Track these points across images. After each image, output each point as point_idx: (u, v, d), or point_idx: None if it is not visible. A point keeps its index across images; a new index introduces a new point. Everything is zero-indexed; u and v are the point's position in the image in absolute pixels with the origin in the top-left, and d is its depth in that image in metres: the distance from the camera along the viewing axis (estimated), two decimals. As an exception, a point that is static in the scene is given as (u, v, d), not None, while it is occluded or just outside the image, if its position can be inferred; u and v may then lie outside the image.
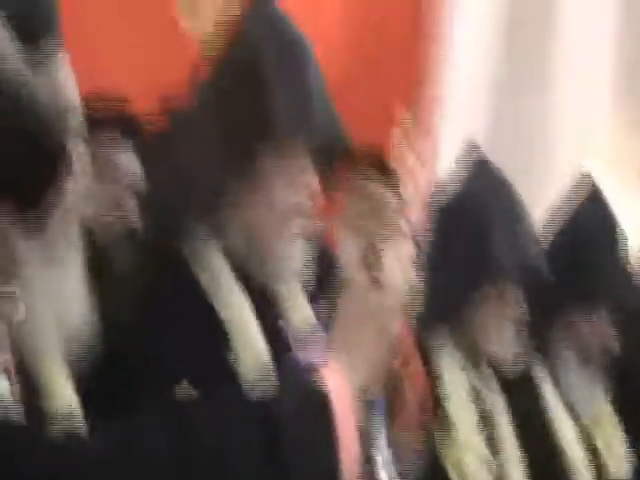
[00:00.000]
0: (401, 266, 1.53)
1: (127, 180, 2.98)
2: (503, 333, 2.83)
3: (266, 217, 2.00)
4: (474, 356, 2.85)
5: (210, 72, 2.11)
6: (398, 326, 1.60)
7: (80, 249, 1.66)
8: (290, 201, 2.00)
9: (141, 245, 2.25)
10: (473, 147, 3.02)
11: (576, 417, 3.13)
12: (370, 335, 1.55)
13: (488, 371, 2.88)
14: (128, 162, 3.01)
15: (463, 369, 2.82)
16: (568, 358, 3.16)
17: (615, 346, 3.14)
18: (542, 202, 3.42)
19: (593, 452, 3.14)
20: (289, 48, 2.06)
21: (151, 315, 1.94)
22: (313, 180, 2.03)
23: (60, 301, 1.63)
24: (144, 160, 2.91)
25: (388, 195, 2.42)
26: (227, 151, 1.99)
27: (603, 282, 3.15)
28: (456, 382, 2.79)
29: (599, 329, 3.14)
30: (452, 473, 2.68)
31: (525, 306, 2.86)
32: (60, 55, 1.58)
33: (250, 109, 2.01)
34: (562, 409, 3.10)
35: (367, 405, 1.60)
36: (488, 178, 2.93)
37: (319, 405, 1.50)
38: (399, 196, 2.36)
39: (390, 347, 1.59)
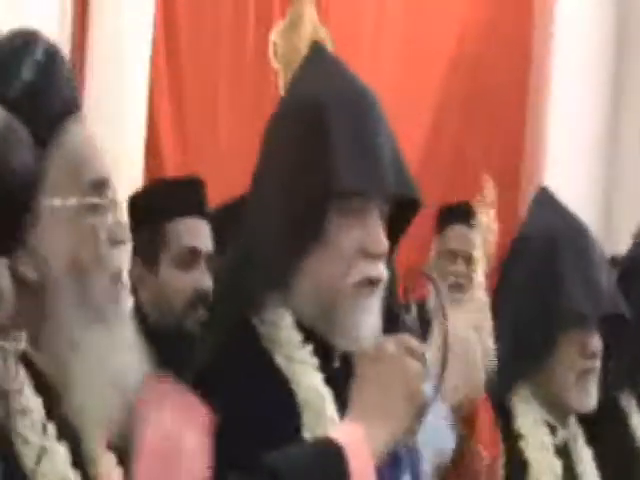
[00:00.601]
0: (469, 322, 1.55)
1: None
2: (585, 384, 2.59)
3: (333, 268, 1.85)
4: (558, 411, 2.61)
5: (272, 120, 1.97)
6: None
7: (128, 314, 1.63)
8: (355, 247, 1.85)
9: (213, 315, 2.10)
10: (546, 192, 2.82)
11: None
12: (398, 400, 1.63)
13: (574, 424, 2.65)
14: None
15: (547, 425, 2.59)
16: None
17: None
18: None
19: None
20: (354, 99, 1.91)
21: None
22: (380, 233, 1.87)
23: (114, 365, 1.57)
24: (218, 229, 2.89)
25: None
26: (293, 210, 1.85)
27: None
28: (540, 441, 2.56)
29: None
30: None
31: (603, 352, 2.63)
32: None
33: (314, 161, 1.86)
34: None
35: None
36: (562, 220, 2.71)
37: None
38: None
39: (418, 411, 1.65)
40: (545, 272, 2.60)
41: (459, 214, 4.57)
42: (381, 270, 1.85)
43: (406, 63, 7.21)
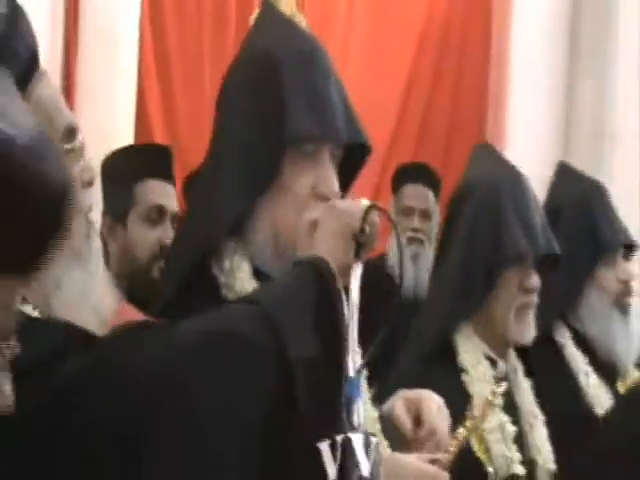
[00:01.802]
0: None
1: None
2: (524, 318, 2.54)
3: (288, 211, 1.81)
4: (498, 345, 2.55)
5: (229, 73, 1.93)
6: None
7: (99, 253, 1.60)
8: (308, 189, 1.82)
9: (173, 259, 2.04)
10: (487, 146, 2.82)
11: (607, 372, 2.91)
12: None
13: (514, 357, 2.59)
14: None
15: (488, 359, 2.53)
16: (597, 310, 2.94)
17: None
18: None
19: None
20: (305, 53, 1.88)
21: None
22: (333, 176, 1.83)
23: (93, 298, 1.57)
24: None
25: None
26: (249, 156, 1.82)
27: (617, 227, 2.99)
28: (481, 373, 2.50)
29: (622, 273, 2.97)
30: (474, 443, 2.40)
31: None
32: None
33: (269, 109, 1.83)
34: (588, 367, 2.89)
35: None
36: (501, 169, 2.66)
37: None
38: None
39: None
40: (486, 215, 2.56)
41: (414, 173, 4.55)
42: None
43: (375, 45, 7.19)
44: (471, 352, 2.51)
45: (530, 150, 6.43)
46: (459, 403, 2.42)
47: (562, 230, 2.93)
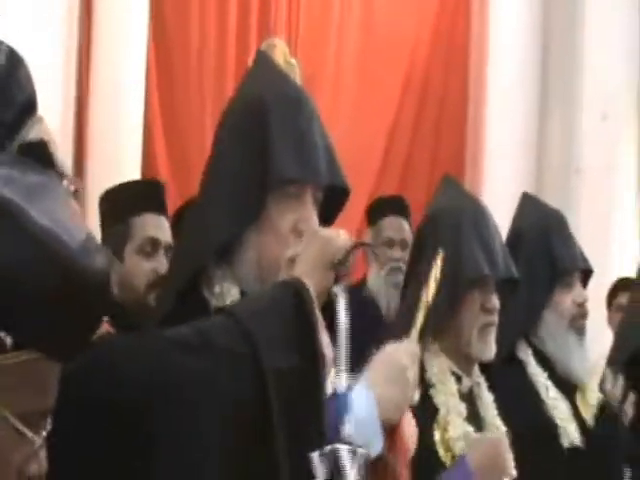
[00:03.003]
0: None
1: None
2: (486, 337, 2.57)
3: (271, 244, 1.83)
4: (463, 362, 2.58)
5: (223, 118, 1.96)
6: None
7: None
8: (289, 227, 1.84)
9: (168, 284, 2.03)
10: (450, 180, 2.84)
11: (565, 387, 2.92)
12: None
13: (477, 373, 2.61)
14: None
15: (453, 375, 2.56)
16: (555, 330, 2.95)
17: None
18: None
19: (580, 422, 2.91)
20: (292, 100, 1.90)
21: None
22: (313, 215, 1.86)
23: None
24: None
25: None
26: (237, 193, 1.85)
27: (574, 252, 3.02)
28: (447, 388, 2.53)
29: (578, 296, 2.99)
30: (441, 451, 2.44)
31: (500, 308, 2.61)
32: None
33: (256, 151, 1.85)
34: (548, 382, 2.90)
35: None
36: (463, 199, 2.71)
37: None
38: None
39: None
40: (450, 241, 2.58)
41: (390, 206, 4.54)
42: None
43: (363, 87, 7.24)
44: (438, 368, 2.54)
45: (505, 184, 6.47)
46: (428, 415, 2.47)
47: (523, 255, 2.96)
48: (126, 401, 1.45)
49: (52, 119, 6.02)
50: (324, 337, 1.56)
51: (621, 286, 5.21)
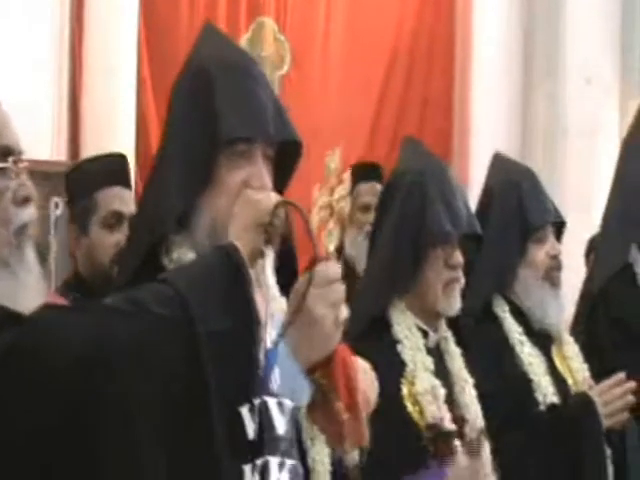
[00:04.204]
0: None
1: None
2: (450, 292, 2.49)
3: (225, 205, 1.77)
4: (429, 317, 2.50)
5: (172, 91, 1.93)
6: None
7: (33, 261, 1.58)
8: (240, 184, 1.79)
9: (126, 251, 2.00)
10: (412, 141, 2.76)
11: (541, 341, 2.84)
12: None
13: (444, 328, 2.53)
14: None
15: (420, 331, 2.48)
16: (530, 284, 2.86)
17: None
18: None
19: (557, 376, 2.83)
20: (236, 64, 1.88)
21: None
22: (264, 172, 1.81)
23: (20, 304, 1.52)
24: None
25: None
26: (188, 156, 1.81)
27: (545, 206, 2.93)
28: (414, 344, 2.45)
29: (551, 249, 2.90)
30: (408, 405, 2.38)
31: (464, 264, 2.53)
32: None
33: (204, 114, 1.82)
34: (523, 337, 2.81)
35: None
36: (427, 160, 2.64)
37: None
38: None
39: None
40: (414, 200, 2.52)
41: (367, 172, 4.49)
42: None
43: (351, 60, 7.17)
44: (404, 325, 2.47)
45: (493, 149, 6.38)
46: (395, 371, 2.40)
47: (495, 212, 2.89)
48: (57, 376, 1.40)
49: (45, 109, 5.97)
50: (257, 298, 1.53)
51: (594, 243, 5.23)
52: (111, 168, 2.86)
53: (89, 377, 1.41)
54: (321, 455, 1.74)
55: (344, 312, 1.61)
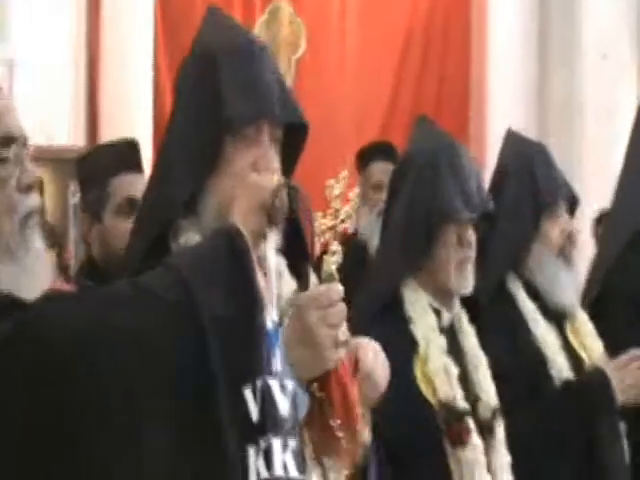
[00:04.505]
0: None
1: None
2: (463, 271, 2.45)
3: (231, 186, 1.75)
4: (442, 296, 2.46)
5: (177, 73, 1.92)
6: None
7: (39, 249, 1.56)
8: (248, 166, 1.77)
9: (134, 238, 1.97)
10: (425, 120, 2.71)
11: (555, 317, 2.80)
12: None
13: (458, 307, 2.49)
14: None
15: (433, 310, 2.44)
16: (544, 260, 2.82)
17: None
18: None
19: (571, 352, 2.79)
20: (241, 47, 1.85)
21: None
22: (271, 154, 1.79)
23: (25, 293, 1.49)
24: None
25: None
26: (195, 139, 1.80)
27: (557, 182, 2.88)
28: (427, 323, 2.42)
29: (564, 226, 2.85)
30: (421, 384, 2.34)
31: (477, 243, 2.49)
32: None
33: (210, 98, 1.80)
34: (537, 314, 2.76)
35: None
36: (439, 140, 2.59)
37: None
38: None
39: None
40: (426, 179, 2.48)
41: (380, 152, 4.46)
42: (275, 181, 1.73)
43: (367, 41, 7.12)
44: (417, 304, 2.43)
45: (508, 125, 6.32)
46: (408, 350, 2.37)
47: (508, 189, 2.85)
48: (55, 367, 1.39)
49: (63, 97, 5.96)
50: (261, 282, 1.51)
51: (603, 217, 5.17)
52: (123, 154, 2.82)
53: (89, 367, 1.39)
54: None
55: (344, 333, 1.61)
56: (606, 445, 2.70)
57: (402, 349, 2.31)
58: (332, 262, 1.62)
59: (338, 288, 1.61)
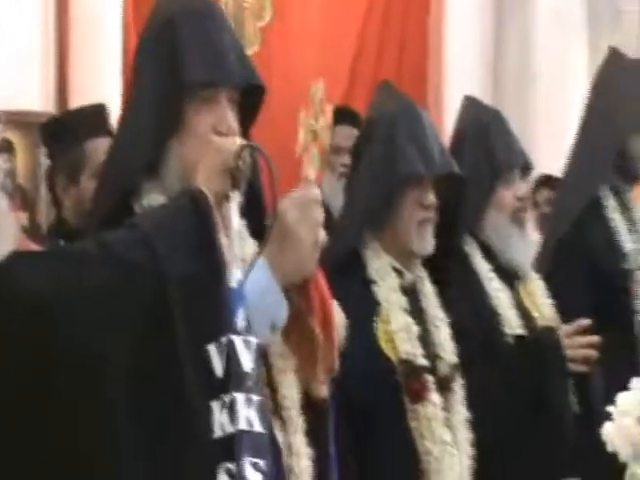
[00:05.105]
0: None
1: None
2: (423, 232, 2.44)
3: (193, 149, 1.74)
4: (404, 257, 2.45)
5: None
6: None
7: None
8: (208, 128, 1.76)
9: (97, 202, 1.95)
10: (387, 84, 2.70)
11: (509, 278, 2.82)
12: None
13: (419, 268, 2.48)
14: None
15: (395, 271, 2.43)
16: (498, 224, 2.83)
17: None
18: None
19: (523, 310, 2.80)
20: (198, 12, 1.84)
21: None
22: (230, 115, 1.78)
23: None
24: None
25: None
26: (155, 102, 1.78)
27: (513, 149, 2.89)
28: (389, 283, 2.41)
29: (518, 191, 2.86)
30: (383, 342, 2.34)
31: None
32: None
33: (168, 62, 1.79)
34: (491, 274, 2.78)
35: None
36: (399, 102, 2.57)
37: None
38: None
39: None
40: (386, 142, 2.47)
41: (343, 115, 4.44)
42: (235, 142, 1.71)
43: (331, 8, 7.05)
44: (379, 265, 2.43)
45: (465, 90, 6.32)
46: (369, 310, 2.37)
47: (465, 155, 2.84)
48: (17, 326, 1.36)
49: (32, 61, 5.83)
50: (223, 240, 1.51)
51: (541, 183, 5.25)
52: (96, 119, 2.80)
53: (52, 325, 1.38)
54: (290, 389, 1.71)
55: (323, 235, 1.63)
56: (556, 397, 2.72)
57: (364, 309, 2.32)
58: (311, 169, 1.65)
59: (316, 191, 1.64)
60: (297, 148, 6.14)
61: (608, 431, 1.80)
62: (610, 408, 1.83)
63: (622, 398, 1.80)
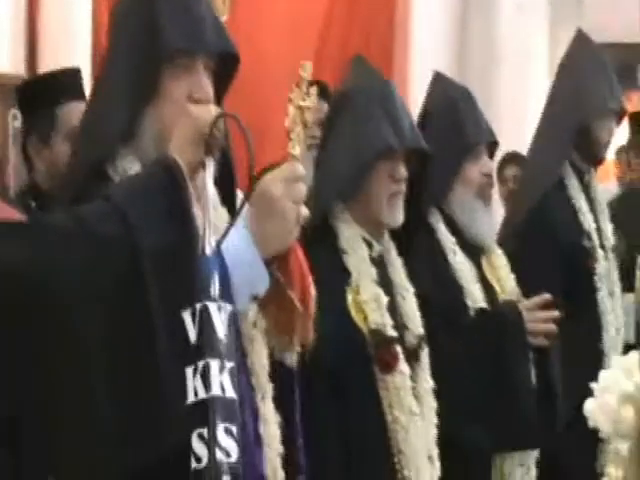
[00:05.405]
0: None
1: None
2: (394, 204, 2.43)
3: (169, 116, 1.71)
4: (374, 229, 2.44)
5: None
6: None
7: None
8: (184, 95, 1.74)
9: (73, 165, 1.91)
10: (361, 59, 2.67)
11: (473, 252, 2.83)
12: None
13: (388, 240, 2.48)
14: None
15: (365, 241, 2.42)
16: (464, 200, 2.83)
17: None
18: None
19: (486, 284, 2.81)
20: None
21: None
22: (206, 83, 1.76)
23: None
24: None
25: None
26: (131, 68, 1.76)
27: (480, 126, 2.89)
28: (359, 254, 2.40)
29: (484, 167, 2.86)
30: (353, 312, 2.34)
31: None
32: None
33: (145, 29, 1.77)
34: (455, 247, 2.79)
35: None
36: (371, 77, 2.57)
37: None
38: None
39: None
40: (358, 116, 2.45)
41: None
42: (211, 110, 1.69)
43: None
44: (350, 235, 2.42)
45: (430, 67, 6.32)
46: (340, 279, 2.36)
47: (433, 130, 2.83)
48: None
49: (2, 23, 5.71)
50: (198, 211, 1.51)
51: (508, 159, 5.27)
52: (70, 83, 2.75)
53: (24, 297, 1.36)
54: (259, 356, 1.69)
55: (305, 210, 1.64)
56: (516, 369, 2.74)
57: (335, 278, 2.31)
58: (297, 145, 1.63)
59: (301, 168, 1.64)
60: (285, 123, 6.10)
61: (590, 407, 1.80)
62: (592, 385, 1.82)
63: (604, 375, 1.80)
